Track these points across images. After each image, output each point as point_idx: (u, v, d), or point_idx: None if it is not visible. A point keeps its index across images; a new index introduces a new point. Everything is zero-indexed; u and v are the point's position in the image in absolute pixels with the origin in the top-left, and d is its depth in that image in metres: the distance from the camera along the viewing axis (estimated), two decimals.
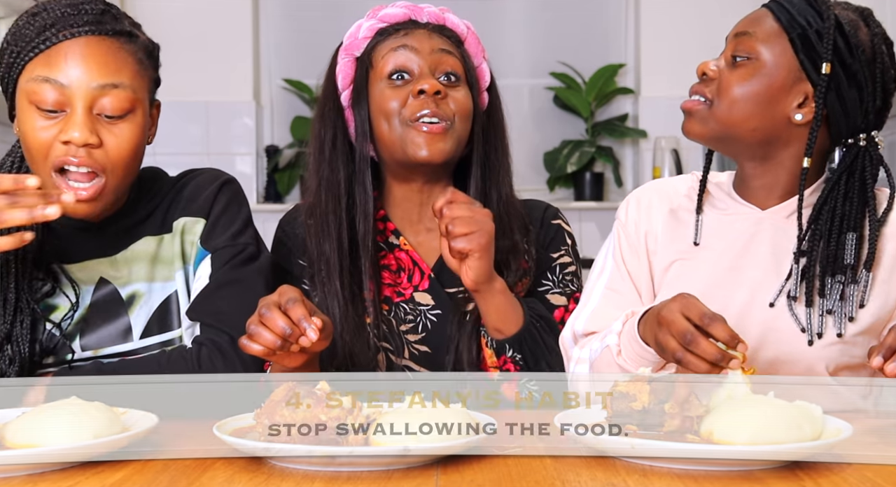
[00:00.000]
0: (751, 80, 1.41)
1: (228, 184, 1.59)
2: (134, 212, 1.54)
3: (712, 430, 1.10)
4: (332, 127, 1.63)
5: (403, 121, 1.55)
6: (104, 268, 1.50)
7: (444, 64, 1.58)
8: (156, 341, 1.50)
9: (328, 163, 1.61)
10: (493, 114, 1.66)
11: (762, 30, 1.42)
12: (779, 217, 1.47)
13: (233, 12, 4.28)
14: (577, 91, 4.34)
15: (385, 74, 1.58)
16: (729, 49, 1.45)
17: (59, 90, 1.35)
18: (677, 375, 1.17)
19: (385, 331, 1.58)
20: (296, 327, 1.23)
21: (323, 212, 1.59)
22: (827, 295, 1.40)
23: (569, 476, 1.02)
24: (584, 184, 4.31)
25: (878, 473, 1.03)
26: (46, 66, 1.36)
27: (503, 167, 1.64)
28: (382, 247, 1.64)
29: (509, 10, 4.43)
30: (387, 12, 1.61)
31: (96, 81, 1.36)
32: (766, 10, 1.45)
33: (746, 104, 1.41)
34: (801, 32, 1.40)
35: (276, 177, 4.31)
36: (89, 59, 1.36)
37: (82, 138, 1.34)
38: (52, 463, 1.06)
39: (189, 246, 1.53)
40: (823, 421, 1.12)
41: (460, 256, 1.46)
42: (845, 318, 1.40)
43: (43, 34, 1.37)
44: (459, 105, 1.58)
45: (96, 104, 1.37)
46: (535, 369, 1.49)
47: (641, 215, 1.55)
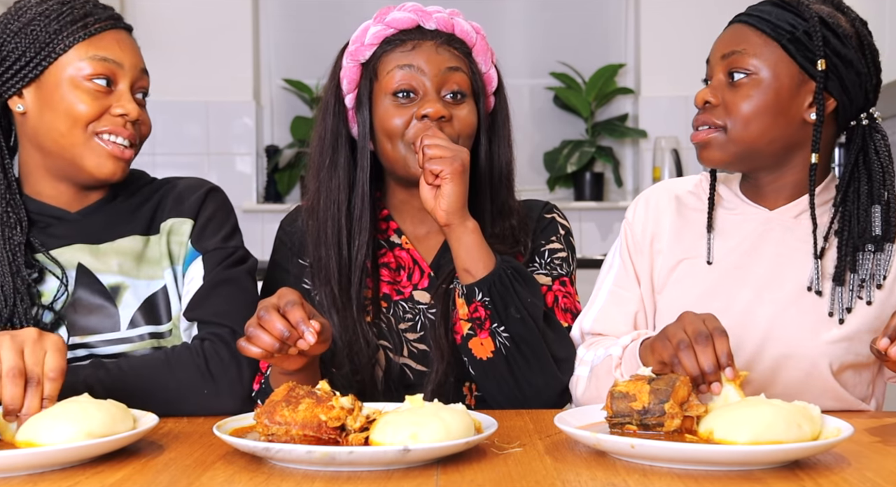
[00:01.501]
0: (757, 95, 1.42)
1: (215, 192, 1.64)
2: (112, 206, 1.58)
3: (712, 430, 1.11)
4: (335, 129, 1.62)
5: (406, 143, 1.55)
6: (83, 256, 1.52)
7: (450, 82, 1.56)
8: (144, 331, 1.51)
9: (327, 168, 1.60)
10: (499, 114, 1.65)
11: (751, 44, 1.43)
12: (787, 217, 1.48)
13: (233, 12, 4.28)
14: (577, 91, 4.34)
15: (390, 91, 1.56)
16: (720, 71, 1.45)
17: (114, 69, 1.49)
18: (677, 375, 1.17)
19: (384, 330, 1.58)
20: (294, 330, 1.23)
21: (322, 217, 1.59)
22: (858, 269, 1.43)
23: (569, 476, 1.02)
24: (584, 184, 4.31)
25: (878, 473, 1.03)
26: (100, 47, 1.49)
27: (507, 168, 1.64)
28: (383, 245, 1.64)
29: (509, 10, 4.44)
30: (394, 16, 1.58)
31: (138, 64, 1.53)
32: (744, 26, 1.45)
33: (760, 119, 1.42)
34: (790, 37, 1.41)
35: (276, 177, 4.31)
36: (131, 46, 1.53)
37: (136, 113, 1.49)
38: (52, 463, 1.06)
39: (177, 247, 1.57)
40: (823, 421, 1.12)
41: (435, 187, 1.48)
42: (874, 285, 1.43)
43: (85, 20, 1.49)
44: (463, 124, 1.56)
45: (135, 85, 1.52)
46: (504, 315, 1.48)
47: (649, 216, 1.57)
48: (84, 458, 1.09)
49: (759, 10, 1.45)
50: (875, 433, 1.25)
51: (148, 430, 1.15)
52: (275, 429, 1.10)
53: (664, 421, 1.13)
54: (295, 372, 1.34)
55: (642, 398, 1.14)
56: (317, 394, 1.13)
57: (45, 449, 1.05)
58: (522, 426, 1.30)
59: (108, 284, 1.51)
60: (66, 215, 1.54)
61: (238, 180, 4.29)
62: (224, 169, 4.29)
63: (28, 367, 1.16)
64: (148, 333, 1.51)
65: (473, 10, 2.33)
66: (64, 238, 1.53)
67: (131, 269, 1.53)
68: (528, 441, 1.20)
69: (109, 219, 1.56)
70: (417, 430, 1.06)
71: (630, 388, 1.15)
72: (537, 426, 1.30)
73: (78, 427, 1.09)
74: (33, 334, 1.19)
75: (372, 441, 1.08)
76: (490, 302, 1.48)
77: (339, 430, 1.11)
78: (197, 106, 4.21)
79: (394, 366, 1.57)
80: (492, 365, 1.49)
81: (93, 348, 1.48)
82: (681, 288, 1.50)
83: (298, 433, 1.09)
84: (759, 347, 1.44)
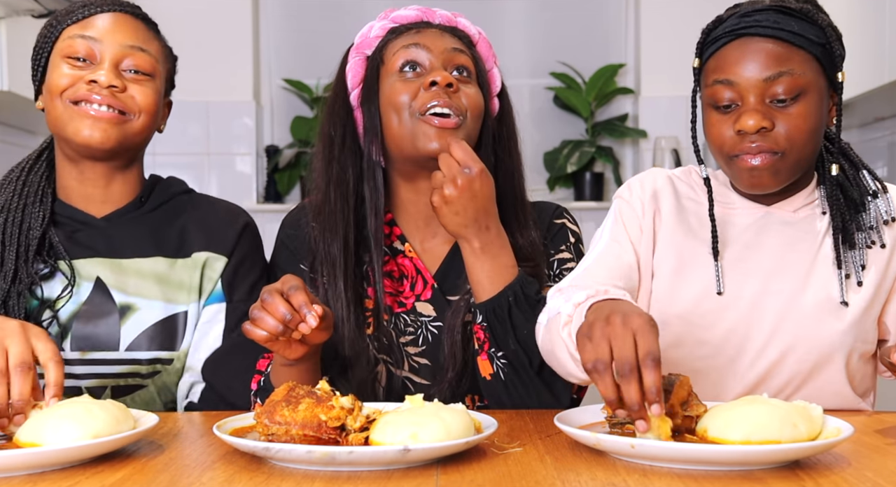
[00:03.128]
0: (812, 116, 1.39)
1: (251, 228, 1.65)
2: (139, 214, 1.57)
3: (707, 428, 1.11)
4: (342, 126, 1.60)
5: (413, 113, 1.51)
6: (102, 270, 1.52)
7: (456, 60, 1.55)
8: (144, 356, 1.51)
9: (337, 161, 1.58)
10: (505, 118, 1.63)
11: (796, 63, 1.37)
12: (786, 212, 1.49)
13: (233, 12, 4.28)
14: (577, 91, 4.34)
15: (396, 68, 1.54)
16: (760, 93, 1.37)
17: (91, 44, 1.51)
18: (677, 375, 1.17)
19: (385, 344, 1.56)
20: (296, 313, 1.24)
21: (332, 211, 1.56)
22: (855, 234, 1.45)
23: (569, 476, 1.02)
24: (584, 184, 4.31)
25: (878, 473, 1.03)
26: (82, 27, 1.52)
27: (517, 171, 1.62)
28: (386, 252, 1.61)
29: (509, 10, 4.43)
30: (399, 14, 1.59)
31: (127, 41, 1.52)
32: (775, 42, 1.38)
33: (813, 138, 1.40)
34: (821, 50, 1.39)
35: (276, 177, 4.31)
36: (122, 26, 1.54)
37: (107, 80, 1.48)
38: (52, 463, 1.06)
39: (207, 282, 1.58)
40: (823, 421, 1.12)
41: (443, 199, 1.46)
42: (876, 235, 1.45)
43: (82, 10, 1.53)
44: (471, 100, 1.54)
45: (123, 61, 1.52)
46: (503, 341, 1.46)
47: (647, 194, 1.54)
48: (84, 458, 1.08)
49: (777, 23, 1.38)
50: (875, 433, 1.25)
51: (148, 430, 1.15)
52: (275, 429, 1.10)
53: None
54: (296, 362, 1.34)
55: None
56: (317, 394, 1.13)
57: (45, 449, 1.05)
58: (522, 426, 1.30)
59: (120, 303, 1.51)
60: (92, 220, 1.55)
61: (238, 180, 4.29)
62: (224, 169, 4.29)
63: (20, 359, 1.16)
64: (147, 358, 1.51)
65: (473, 10, 2.33)
66: (88, 248, 1.53)
67: (149, 291, 1.53)
68: (528, 441, 1.20)
69: (135, 231, 1.56)
70: (417, 430, 1.06)
71: None
72: (537, 426, 1.30)
73: (82, 428, 1.09)
74: (15, 325, 1.19)
75: (372, 441, 1.08)
76: (488, 328, 1.47)
77: (339, 430, 1.11)
78: (197, 106, 4.21)
79: (395, 379, 1.56)
80: (491, 385, 1.49)
81: (89, 365, 1.49)
82: (681, 281, 1.49)
83: (298, 433, 1.09)
84: (766, 340, 1.45)
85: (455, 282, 1.58)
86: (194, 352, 1.55)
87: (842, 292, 1.43)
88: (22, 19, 2.95)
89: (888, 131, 3.89)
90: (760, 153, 1.38)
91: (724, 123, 1.40)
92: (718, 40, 1.42)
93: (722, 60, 1.41)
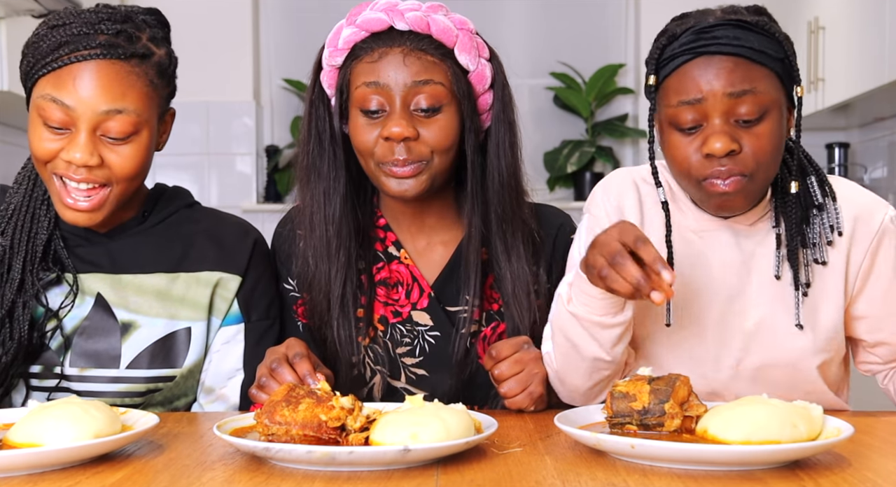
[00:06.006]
0: (774, 134, 1.33)
1: (261, 244, 1.61)
2: (143, 229, 1.55)
3: (706, 428, 1.11)
4: (319, 129, 1.55)
5: (376, 162, 1.47)
6: (103, 286, 1.50)
7: (419, 93, 1.45)
8: (145, 374, 1.48)
9: (315, 171, 1.55)
10: (503, 110, 1.55)
11: (759, 81, 1.31)
12: (743, 226, 1.43)
13: (233, 12, 4.28)
14: (577, 91, 4.34)
15: (358, 105, 1.48)
16: (723, 112, 1.31)
17: (66, 111, 1.39)
18: (677, 375, 1.17)
19: (381, 355, 1.54)
20: (301, 382, 1.31)
21: (310, 225, 1.54)
22: (808, 237, 1.40)
23: (569, 476, 1.02)
24: (584, 184, 4.31)
25: (878, 473, 1.03)
26: (55, 86, 1.39)
27: (508, 171, 1.54)
28: (381, 258, 1.57)
29: (509, 10, 4.43)
30: (366, 17, 1.49)
31: (102, 106, 1.39)
32: (737, 60, 1.31)
33: (778, 156, 1.36)
34: (781, 65, 1.34)
35: (275, 177, 4.31)
36: (97, 84, 1.39)
37: (82, 160, 1.39)
38: (52, 463, 1.06)
39: (221, 301, 1.54)
40: (823, 421, 1.12)
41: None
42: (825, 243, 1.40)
43: (56, 52, 1.39)
44: (437, 139, 1.46)
45: (100, 127, 1.40)
46: None
47: (611, 205, 1.47)
48: (84, 458, 1.08)
49: (738, 39, 1.31)
50: (875, 433, 1.25)
51: (148, 430, 1.15)
52: (275, 429, 1.10)
53: (664, 421, 1.13)
54: None
55: (642, 398, 1.14)
56: (317, 394, 1.13)
57: (45, 449, 1.05)
58: (522, 426, 1.30)
59: (122, 320, 1.49)
60: (94, 236, 1.52)
61: (238, 180, 4.29)
62: (224, 169, 4.29)
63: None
64: (147, 377, 1.48)
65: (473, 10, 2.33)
66: (90, 264, 1.51)
67: (150, 308, 1.50)
68: (528, 441, 1.20)
69: (137, 246, 1.53)
70: (417, 430, 1.06)
71: (630, 388, 1.15)
72: (537, 426, 1.30)
73: (81, 428, 1.09)
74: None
75: (372, 441, 1.09)
76: None
77: (340, 430, 1.11)
78: (197, 106, 4.21)
79: (391, 389, 1.55)
80: None
81: (89, 382, 1.47)
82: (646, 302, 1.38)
83: (298, 433, 1.09)
84: (738, 360, 1.41)
85: (454, 294, 1.54)
86: (214, 376, 1.53)
87: (797, 314, 1.39)
88: (22, 19, 2.95)
89: (888, 131, 3.89)
90: (731, 177, 1.32)
91: (689, 145, 1.33)
92: (676, 58, 1.35)
93: (684, 80, 1.33)
